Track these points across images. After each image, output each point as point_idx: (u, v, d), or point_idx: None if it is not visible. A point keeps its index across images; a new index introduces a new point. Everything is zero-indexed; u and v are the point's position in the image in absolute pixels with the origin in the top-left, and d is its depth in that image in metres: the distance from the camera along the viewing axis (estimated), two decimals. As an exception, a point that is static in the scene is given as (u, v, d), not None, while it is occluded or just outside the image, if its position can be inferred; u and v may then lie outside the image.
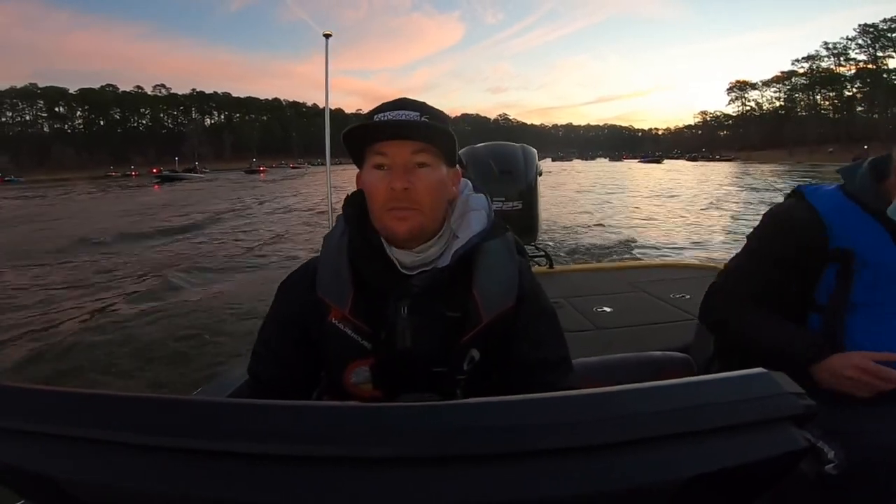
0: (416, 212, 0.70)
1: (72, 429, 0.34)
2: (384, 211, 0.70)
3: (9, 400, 0.37)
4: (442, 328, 0.72)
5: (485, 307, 0.71)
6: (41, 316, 5.39)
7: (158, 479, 0.33)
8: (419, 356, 0.72)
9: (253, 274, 7.20)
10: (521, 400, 0.36)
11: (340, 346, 0.73)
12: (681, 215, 13.05)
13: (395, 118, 0.70)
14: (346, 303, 0.71)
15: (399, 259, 0.72)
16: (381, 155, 0.70)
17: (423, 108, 0.72)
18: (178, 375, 3.62)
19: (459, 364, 0.72)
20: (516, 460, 0.32)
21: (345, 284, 0.72)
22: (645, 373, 1.22)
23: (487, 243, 0.74)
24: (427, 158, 0.70)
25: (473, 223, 0.75)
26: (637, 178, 34.40)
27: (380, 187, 0.70)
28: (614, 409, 0.34)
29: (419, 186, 0.69)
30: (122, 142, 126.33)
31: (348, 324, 0.72)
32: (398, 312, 0.72)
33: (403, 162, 0.70)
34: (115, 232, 11.34)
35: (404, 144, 0.69)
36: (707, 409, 0.34)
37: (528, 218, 3.32)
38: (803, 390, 0.36)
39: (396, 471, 0.32)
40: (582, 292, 2.77)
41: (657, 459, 0.33)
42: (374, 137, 0.71)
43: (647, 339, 2.04)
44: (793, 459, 0.34)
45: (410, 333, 0.72)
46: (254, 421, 0.35)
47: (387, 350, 0.72)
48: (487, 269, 0.73)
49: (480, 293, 0.71)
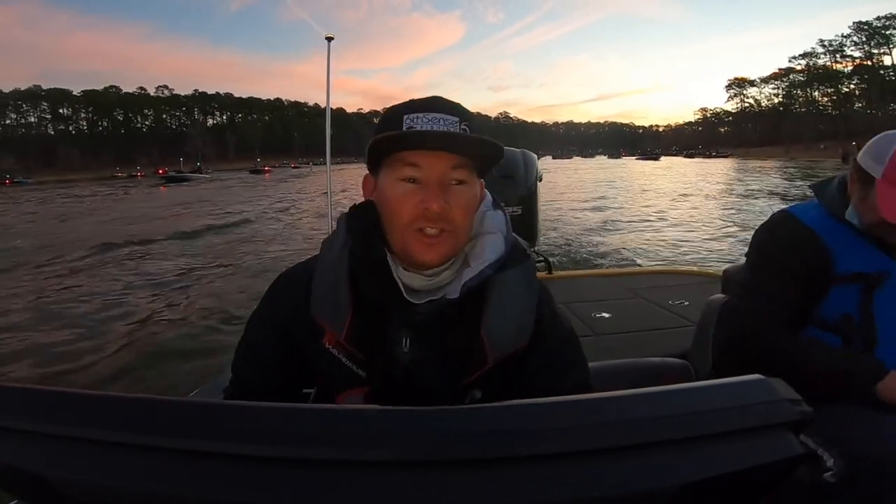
0: (448, 234, 0.61)
1: (66, 429, 0.34)
2: (410, 231, 0.61)
3: (2, 399, 0.37)
4: (444, 363, 0.65)
5: (492, 349, 0.62)
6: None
7: (153, 479, 0.33)
8: (417, 389, 0.65)
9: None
10: (518, 405, 0.35)
11: (333, 372, 0.66)
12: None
13: (433, 123, 0.60)
14: (342, 327, 0.63)
15: (406, 283, 0.64)
16: (413, 167, 0.60)
17: (462, 113, 0.63)
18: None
19: (459, 402, 0.64)
20: (513, 465, 0.32)
21: (342, 306, 0.63)
22: (643, 379, 1.21)
23: (505, 273, 0.64)
24: (465, 175, 0.62)
25: (488, 250, 0.65)
26: (632, 176, 35.54)
27: (408, 203, 0.60)
28: (612, 415, 0.34)
29: (455, 206, 0.60)
30: (126, 143, 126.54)
31: (343, 350, 0.65)
32: (399, 344, 0.65)
33: (439, 177, 0.60)
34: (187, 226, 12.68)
35: (442, 157, 0.60)
36: (704, 415, 0.34)
37: (528, 223, 3.33)
38: (800, 397, 0.36)
39: (392, 474, 0.32)
40: (581, 298, 2.78)
41: (654, 465, 0.32)
42: (403, 144, 0.60)
43: (645, 345, 2.05)
44: (789, 466, 0.34)
45: (410, 365, 0.65)
46: (249, 422, 0.34)
47: (382, 379, 0.65)
48: (500, 306, 0.63)
49: (489, 334, 0.62)
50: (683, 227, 11.04)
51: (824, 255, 0.98)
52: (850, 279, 0.95)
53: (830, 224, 1.01)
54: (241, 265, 8.03)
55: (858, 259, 0.96)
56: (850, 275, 0.95)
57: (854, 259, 0.96)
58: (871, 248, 0.97)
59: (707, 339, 1.26)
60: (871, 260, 0.96)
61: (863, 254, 0.97)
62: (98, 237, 10.97)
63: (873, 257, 0.96)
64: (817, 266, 0.98)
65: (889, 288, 0.94)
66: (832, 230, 1.00)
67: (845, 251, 0.97)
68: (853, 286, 0.95)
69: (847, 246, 0.97)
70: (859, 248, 0.97)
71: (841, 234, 0.99)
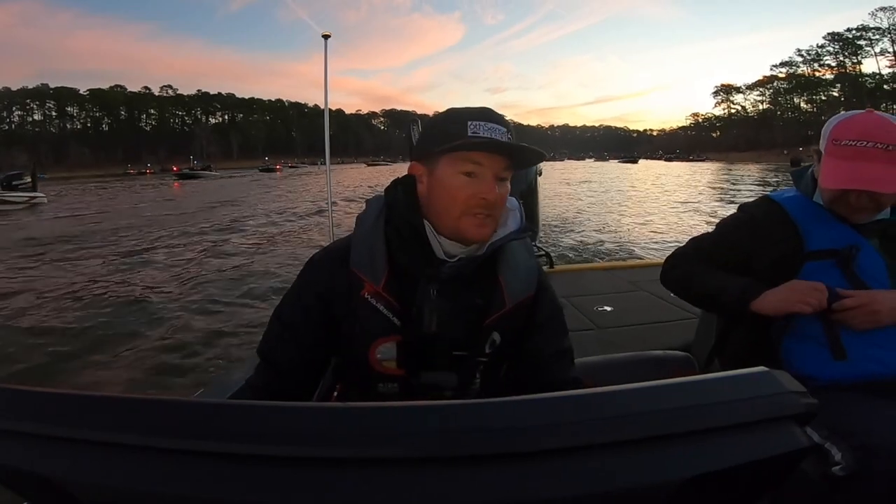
0: (493, 218, 0.74)
1: (71, 430, 0.34)
2: (465, 215, 0.73)
3: (7, 401, 0.37)
4: (468, 313, 0.75)
5: (509, 293, 0.76)
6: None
7: (157, 480, 0.32)
8: (444, 338, 0.74)
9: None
10: (521, 400, 0.35)
11: (370, 320, 0.74)
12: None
13: (492, 132, 0.73)
14: (380, 278, 0.73)
15: (446, 249, 0.75)
16: (477, 164, 0.72)
17: (507, 124, 0.76)
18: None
19: (482, 346, 0.75)
20: (517, 461, 0.32)
21: (379, 261, 0.74)
22: (646, 372, 1.22)
23: (512, 243, 0.79)
24: (509, 173, 0.75)
25: (511, 222, 0.80)
26: (601, 173, 41.41)
27: (466, 192, 0.72)
28: (615, 409, 0.34)
29: (500, 197, 0.74)
30: (133, 141, 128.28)
31: (381, 299, 0.73)
32: (428, 295, 0.75)
33: (495, 174, 0.73)
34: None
35: (499, 160, 0.73)
36: (708, 409, 0.34)
37: (528, 218, 3.08)
38: (805, 389, 0.36)
39: (394, 472, 0.32)
40: (583, 292, 2.79)
41: (657, 459, 0.32)
42: (471, 146, 0.72)
43: (648, 338, 2.05)
44: (795, 458, 0.34)
45: (437, 316, 0.75)
46: (254, 422, 0.34)
47: (414, 329, 0.74)
48: (512, 262, 0.78)
49: (506, 280, 0.76)
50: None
51: (796, 234, 1.02)
52: (822, 255, 1.00)
53: (804, 205, 1.06)
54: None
55: (828, 236, 1.01)
56: (822, 251, 1.00)
57: (824, 237, 1.01)
58: (842, 226, 1.01)
59: (710, 332, 1.26)
60: (840, 237, 1.00)
61: (832, 231, 1.01)
62: (200, 219, 12.65)
63: (843, 234, 1.00)
64: (788, 243, 1.03)
65: (862, 260, 0.98)
66: (805, 210, 1.05)
67: (816, 230, 1.02)
68: (826, 262, 1.00)
69: (818, 225, 1.02)
70: (829, 227, 1.01)
71: (813, 214, 1.04)
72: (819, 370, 0.96)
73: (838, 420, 0.75)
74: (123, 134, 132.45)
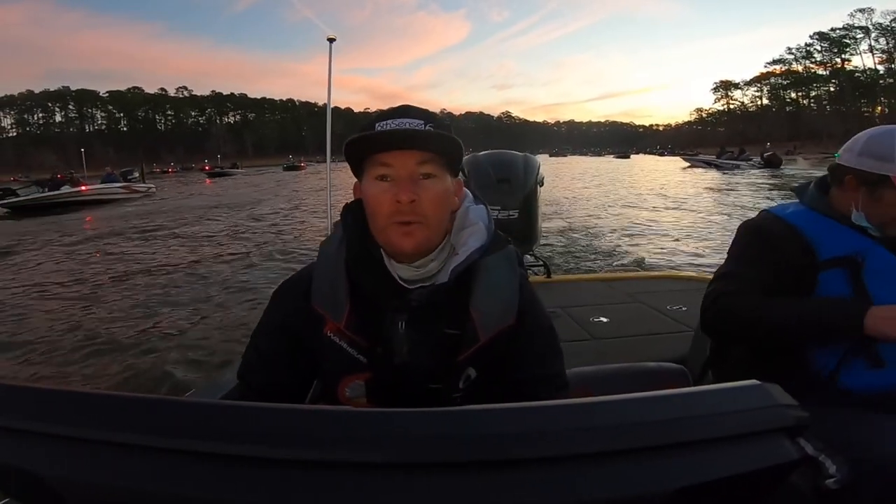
0: (421, 225, 0.66)
1: (61, 428, 0.34)
2: (388, 224, 0.66)
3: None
4: (439, 345, 0.68)
5: (482, 326, 0.67)
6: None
7: (148, 479, 0.32)
8: (415, 372, 0.68)
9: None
10: (512, 408, 0.35)
11: (335, 359, 0.69)
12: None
13: (399, 127, 0.65)
14: (341, 315, 0.68)
15: (398, 274, 0.68)
16: (385, 166, 0.65)
17: (428, 116, 0.68)
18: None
19: (456, 382, 0.68)
20: (508, 469, 0.32)
21: (341, 296, 0.68)
22: (640, 383, 1.21)
23: (487, 258, 0.70)
24: (433, 169, 0.66)
25: (472, 239, 0.70)
26: (595, 167, 42.79)
27: (383, 199, 0.65)
28: (607, 419, 0.34)
29: (425, 198, 0.65)
30: (151, 141, 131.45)
31: (343, 337, 0.68)
32: (395, 327, 0.68)
33: (409, 173, 0.65)
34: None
35: (409, 155, 0.65)
36: (699, 420, 0.34)
37: (526, 227, 3.23)
38: (796, 402, 0.36)
39: (381, 477, 0.32)
40: (579, 302, 2.76)
41: (649, 469, 0.32)
42: (376, 147, 0.66)
43: (643, 349, 2.03)
44: (785, 471, 0.34)
45: (407, 349, 0.68)
46: (247, 423, 0.34)
47: (382, 365, 0.68)
48: (487, 286, 0.69)
49: (478, 311, 0.67)
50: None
51: (807, 246, 1.00)
52: (833, 264, 0.98)
53: (810, 217, 1.04)
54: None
55: (838, 245, 0.99)
56: (833, 259, 0.98)
57: (834, 245, 0.99)
58: (850, 232, 1.00)
59: (704, 345, 1.26)
60: (849, 243, 0.98)
61: (841, 239, 0.99)
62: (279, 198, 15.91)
63: (851, 240, 0.99)
64: (801, 257, 1.00)
65: (872, 264, 0.97)
66: (811, 222, 1.03)
67: (826, 239, 1.00)
68: (837, 270, 0.98)
69: (827, 235, 1.00)
70: (838, 235, 1.00)
71: (820, 225, 1.02)
72: (854, 380, 0.95)
73: (836, 433, 0.73)
74: (142, 134, 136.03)
